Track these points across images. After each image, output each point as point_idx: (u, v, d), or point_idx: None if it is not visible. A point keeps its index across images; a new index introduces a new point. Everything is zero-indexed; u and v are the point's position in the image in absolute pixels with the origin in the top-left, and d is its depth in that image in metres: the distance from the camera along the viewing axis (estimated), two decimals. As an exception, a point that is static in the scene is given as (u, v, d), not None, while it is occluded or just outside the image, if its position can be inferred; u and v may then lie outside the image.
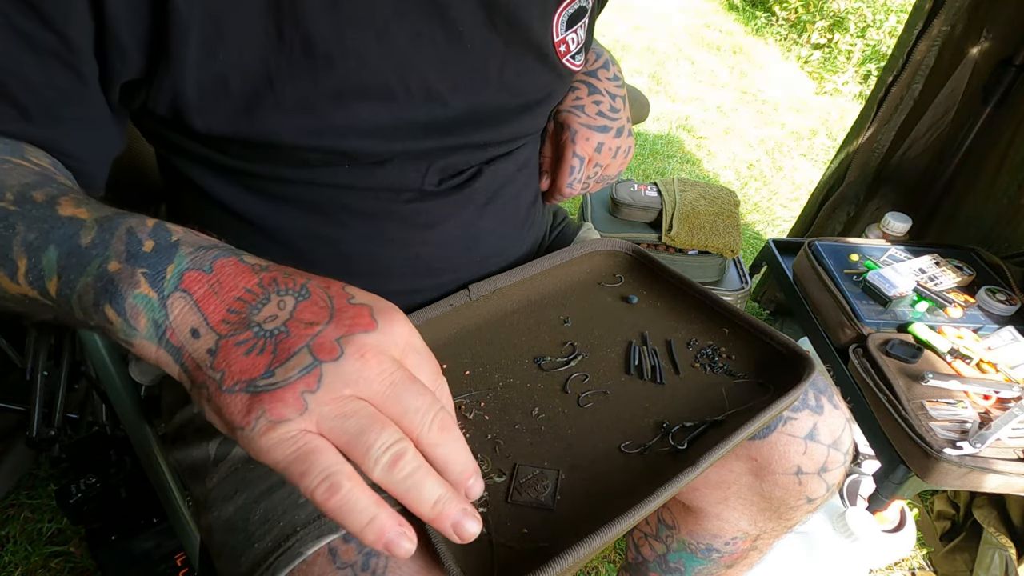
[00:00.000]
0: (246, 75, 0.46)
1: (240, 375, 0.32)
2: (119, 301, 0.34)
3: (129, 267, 0.34)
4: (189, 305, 0.34)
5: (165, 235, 0.36)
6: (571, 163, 0.71)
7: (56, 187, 0.39)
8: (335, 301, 0.35)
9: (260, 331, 0.33)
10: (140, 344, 0.35)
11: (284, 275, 0.36)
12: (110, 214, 0.37)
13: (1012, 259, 1.23)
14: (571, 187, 0.73)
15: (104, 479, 0.99)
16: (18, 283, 0.36)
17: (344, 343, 0.33)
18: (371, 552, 0.45)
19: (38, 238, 0.35)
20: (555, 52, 0.60)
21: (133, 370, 0.67)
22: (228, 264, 0.35)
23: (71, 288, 0.35)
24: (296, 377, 0.31)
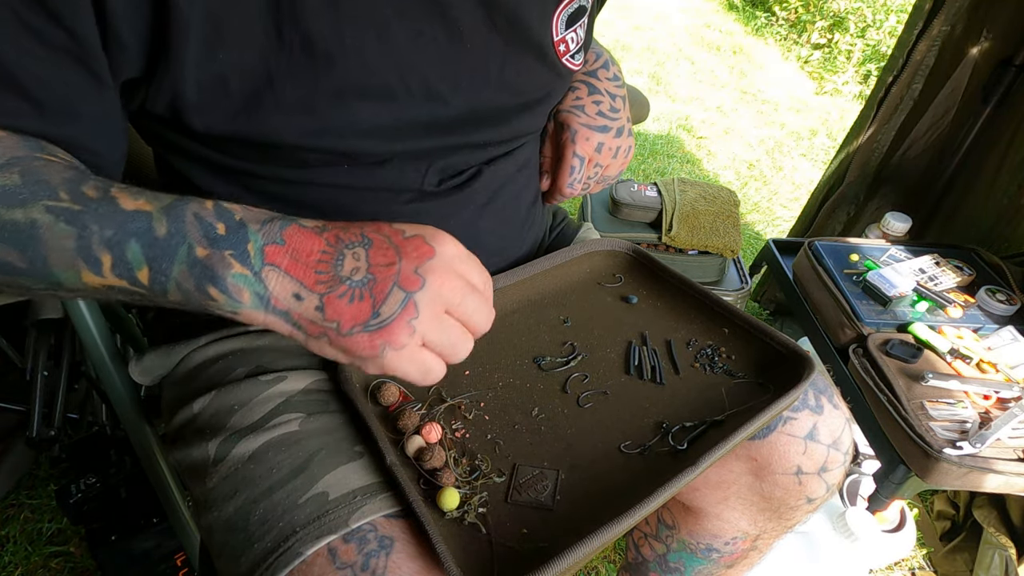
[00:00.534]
0: (246, 74, 0.46)
1: (353, 320, 0.40)
2: (220, 282, 0.40)
3: (216, 251, 0.40)
4: (280, 275, 0.40)
5: (229, 215, 0.41)
6: (571, 163, 0.71)
7: (98, 180, 0.41)
8: (394, 239, 0.43)
9: (352, 283, 0.41)
10: (247, 314, 0.41)
11: (342, 230, 0.43)
12: (169, 202, 0.41)
13: (1012, 259, 1.23)
14: (571, 187, 0.72)
15: (104, 479, 0.99)
16: (103, 276, 0.40)
17: (422, 272, 0.41)
18: (371, 552, 0.45)
19: (116, 234, 0.39)
20: (555, 51, 0.60)
21: (133, 370, 0.67)
22: (295, 233, 0.41)
23: (166, 275, 0.40)
24: (399, 311, 0.40)
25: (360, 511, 0.47)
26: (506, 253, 0.70)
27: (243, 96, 0.46)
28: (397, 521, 0.47)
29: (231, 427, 0.54)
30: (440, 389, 0.58)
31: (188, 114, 0.47)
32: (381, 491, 0.49)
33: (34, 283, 0.40)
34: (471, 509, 0.48)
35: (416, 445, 0.52)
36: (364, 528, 0.46)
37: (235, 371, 0.58)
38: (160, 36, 0.42)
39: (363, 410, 0.52)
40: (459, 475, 0.50)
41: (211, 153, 0.53)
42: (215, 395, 0.57)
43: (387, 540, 0.46)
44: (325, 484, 0.48)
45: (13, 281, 0.40)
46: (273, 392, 0.55)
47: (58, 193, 0.40)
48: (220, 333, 0.62)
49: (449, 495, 0.47)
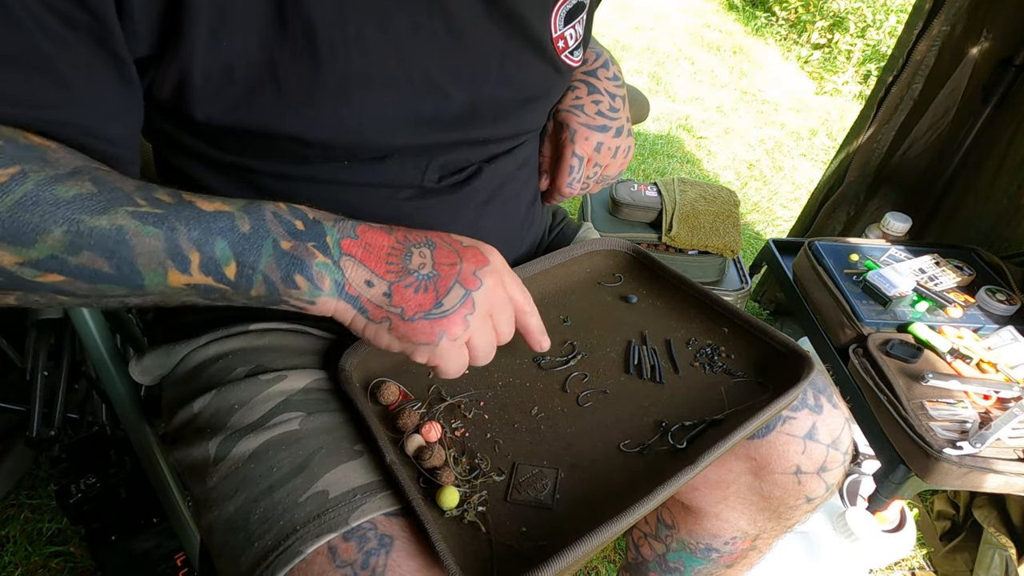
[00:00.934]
0: (250, 63, 0.46)
1: (417, 308, 0.46)
2: (307, 270, 0.44)
3: (300, 243, 0.44)
4: (355, 264, 0.45)
5: (302, 214, 0.46)
6: (570, 163, 0.71)
7: (166, 188, 0.43)
8: (454, 245, 0.49)
9: (419, 275, 0.46)
10: (322, 301, 0.45)
11: (408, 231, 0.48)
12: (244, 202, 0.45)
13: (1012, 259, 1.23)
14: (570, 187, 0.72)
15: (104, 479, 0.99)
16: (191, 275, 0.42)
17: (480, 275, 0.48)
18: (371, 550, 0.45)
19: (201, 233, 0.42)
20: (554, 48, 0.60)
21: (133, 370, 0.67)
22: (366, 230, 0.47)
23: (253, 268, 0.43)
24: (458, 305, 0.46)
25: (360, 509, 0.47)
26: (506, 252, 0.70)
27: (246, 85, 0.46)
28: (397, 519, 0.47)
29: (231, 426, 0.54)
30: (440, 388, 0.58)
31: (192, 102, 0.47)
32: (381, 490, 0.49)
33: (114, 289, 0.41)
34: (471, 508, 0.48)
35: (416, 444, 0.52)
36: (364, 526, 0.46)
37: (235, 370, 0.58)
38: (170, 20, 0.42)
39: (363, 409, 0.53)
40: (459, 474, 0.50)
41: (210, 150, 0.53)
42: (215, 394, 0.57)
43: (387, 538, 0.46)
44: (325, 483, 0.49)
45: (93, 290, 0.41)
46: (273, 391, 0.56)
47: (135, 199, 0.41)
48: (220, 333, 0.62)
49: (449, 494, 0.47)
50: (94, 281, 0.40)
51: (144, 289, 0.42)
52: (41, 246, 0.38)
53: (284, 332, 0.62)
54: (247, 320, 0.62)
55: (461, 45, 0.53)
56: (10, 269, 0.38)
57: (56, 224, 0.38)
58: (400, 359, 0.60)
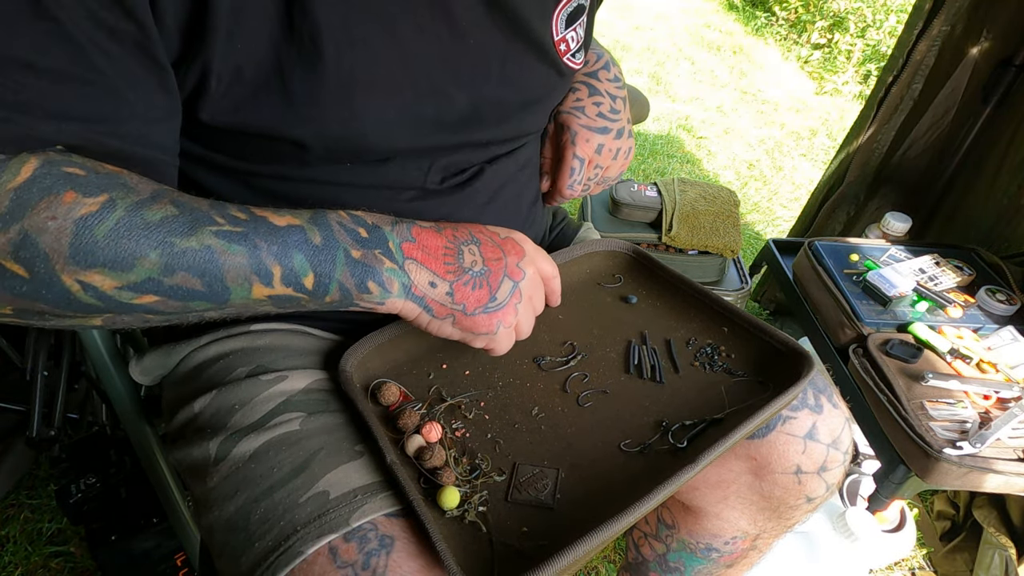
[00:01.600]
0: (258, 64, 0.46)
1: (477, 303, 0.51)
2: (377, 276, 0.48)
3: (369, 251, 0.48)
4: (418, 267, 0.50)
5: (363, 221, 0.49)
6: (571, 165, 0.71)
7: (236, 205, 0.46)
8: (495, 239, 0.54)
9: (473, 273, 0.51)
10: (391, 303, 0.50)
11: (454, 229, 0.53)
12: (310, 215, 0.48)
13: (1012, 259, 1.23)
14: (571, 189, 0.72)
15: (104, 479, 0.99)
16: (273, 287, 0.45)
17: (523, 266, 0.54)
18: (372, 551, 0.45)
19: (280, 248, 0.45)
20: (555, 50, 0.60)
21: (133, 370, 0.67)
22: (420, 232, 0.51)
23: (329, 278, 0.47)
24: (509, 296, 0.53)
25: (361, 510, 0.47)
26: None
27: (252, 86, 0.46)
28: (398, 520, 0.47)
29: (232, 426, 0.54)
30: (440, 388, 0.58)
31: (201, 104, 0.47)
32: (381, 490, 0.49)
33: (202, 305, 0.44)
34: (471, 508, 0.48)
35: (416, 444, 0.52)
36: (365, 527, 0.46)
37: (236, 370, 0.58)
38: (194, 25, 0.43)
39: (363, 409, 0.53)
40: (459, 474, 0.50)
41: (210, 153, 0.53)
42: (216, 394, 0.57)
43: (388, 539, 0.46)
44: (326, 483, 0.49)
45: (183, 307, 0.44)
46: (274, 392, 0.56)
47: (214, 219, 0.43)
48: (220, 333, 0.62)
49: (449, 494, 0.47)
50: (186, 299, 0.43)
51: (229, 303, 0.45)
52: (139, 270, 0.40)
53: (285, 332, 0.62)
54: (247, 320, 0.62)
55: (463, 48, 0.53)
56: (109, 293, 0.41)
57: (151, 248, 0.41)
58: (400, 359, 0.60)
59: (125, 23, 0.40)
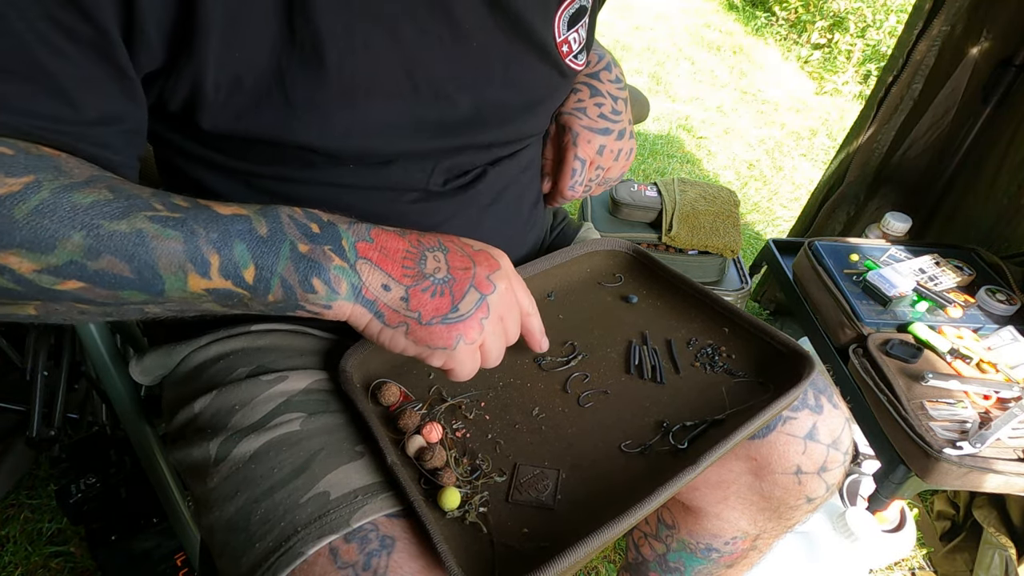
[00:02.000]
0: (258, 72, 0.46)
1: (434, 312, 0.46)
2: (324, 273, 0.43)
3: (317, 246, 0.44)
4: (372, 267, 0.45)
5: (317, 217, 0.45)
6: (572, 166, 0.71)
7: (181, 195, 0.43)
8: (465, 249, 0.49)
9: (435, 280, 0.46)
10: (338, 306, 0.45)
11: (420, 235, 0.48)
12: (259, 207, 0.44)
13: (1012, 259, 1.23)
14: (573, 190, 0.72)
15: (104, 479, 0.99)
16: (210, 278, 0.42)
17: (493, 279, 0.48)
18: (372, 551, 0.45)
19: (220, 236, 0.41)
20: (558, 52, 0.60)
21: (134, 370, 0.67)
22: (380, 233, 0.46)
23: (271, 272, 0.43)
24: (474, 309, 0.47)
25: (361, 511, 0.47)
26: (509, 253, 0.70)
27: (254, 94, 0.46)
28: (398, 520, 0.47)
29: (232, 427, 0.54)
30: (440, 389, 0.58)
31: (200, 111, 0.47)
32: (382, 491, 0.49)
33: (135, 296, 0.41)
34: (472, 509, 0.48)
35: (417, 445, 0.52)
36: (366, 528, 0.46)
37: (236, 371, 0.58)
38: (183, 33, 0.42)
39: (364, 410, 0.52)
40: (460, 475, 0.50)
41: (214, 155, 0.53)
42: (216, 395, 0.57)
43: (388, 540, 0.46)
44: (326, 484, 0.48)
45: (113, 296, 0.40)
46: (274, 392, 0.56)
47: (152, 204, 0.41)
48: (221, 333, 0.62)
49: (450, 495, 0.47)
50: (114, 287, 0.40)
51: (164, 295, 0.41)
52: (60, 252, 0.38)
53: (285, 333, 0.62)
54: (248, 321, 0.62)
55: (466, 51, 0.53)
56: (28, 277, 0.38)
57: (75, 229, 0.38)
58: (401, 360, 0.60)
59: (82, 25, 0.40)
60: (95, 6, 0.39)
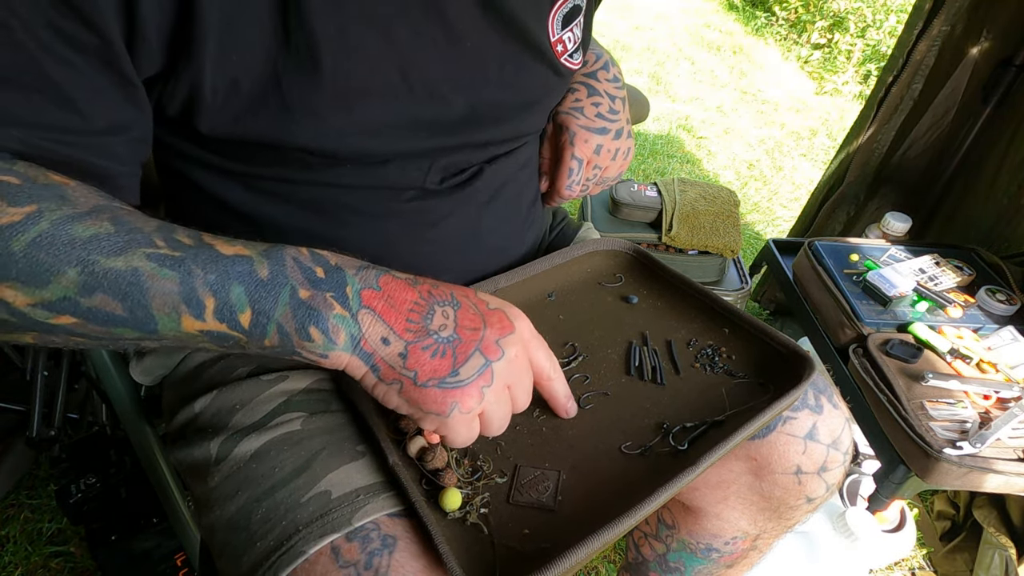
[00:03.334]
0: (255, 76, 0.46)
1: (432, 374, 0.42)
2: (323, 322, 0.41)
3: (319, 293, 0.41)
4: (374, 319, 0.42)
5: (324, 260, 0.43)
6: (569, 165, 0.71)
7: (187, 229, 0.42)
8: (480, 307, 0.46)
9: (439, 338, 0.43)
10: (335, 356, 0.42)
11: (433, 286, 0.45)
12: (266, 247, 0.42)
13: (1012, 259, 1.23)
14: (570, 189, 0.72)
15: (104, 479, 0.99)
16: (204, 320, 0.40)
17: (502, 344, 0.45)
18: (374, 551, 0.45)
19: (218, 278, 0.40)
20: (552, 51, 0.60)
21: (134, 370, 0.67)
22: (390, 281, 0.44)
23: (268, 317, 0.41)
24: (476, 376, 0.43)
25: (363, 510, 0.47)
26: (507, 252, 0.70)
27: (251, 97, 0.46)
28: (400, 520, 0.47)
29: (233, 426, 0.54)
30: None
31: (198, 115, 0.47)
32: (384, 490, 0.49)
33: (128, 333, 0.40)
34: (473, 509, 0.48)
35: (418, 445, 0.51)
36: (367, 527, 0.46)
37: (237, 370, 0.58)
38: (182, 37, 0.42)
39: (365, 410, 0.52)
40: (461, 476, 0.50)
41: (212, 157, 0.53)
42: (217, 394, 0.57)
43: (390, 539, 0.46)
44: (327, 483, 0.49)
45: (106, 332, 0.40)
46: (275, 391, 0.56)
47: (154, 240, 0.40)
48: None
49: (451, 495, 0.47)
50: (107, 324, 0.39)
51: (158, 334, 0.40)
52: (55, 287, 0.37)
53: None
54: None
55: (460, 51, 0.53)
56: (23, 310, 0.38)
57: (70, 265, 0.37)
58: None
59: (85, 34, 0.40)
60: (97, 14, 0.39)
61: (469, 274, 0.66)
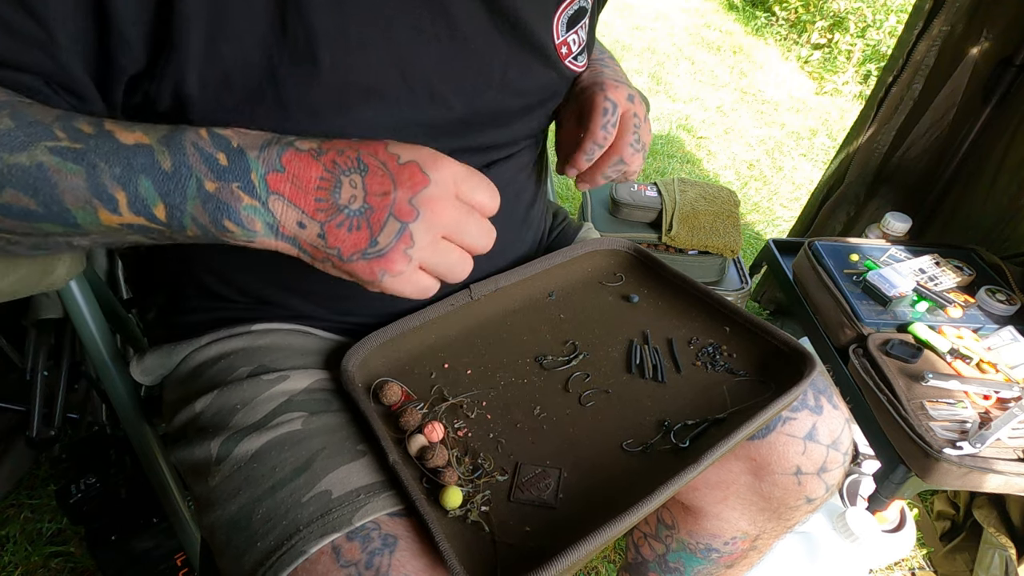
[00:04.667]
0: (249, 70, 0.45)
1: (353, 248, 0.43)
2: (234, 215, 0.41)
3: (225, 184, 0.41)
4: (285, 204, 0.42)
5: (225, 143, 0.42)
6: (604, 106, 0.62)
7: (88, 117, 0.41)
8: (389, 166, 0.43)
9: (350, 212, 0.42)
10: (261, 241, 0.43)
11: (338, 153, 0.43)
12: (165, 132, 0.41)
13: (1012, 259, 1.23)
14: (605, 130, 0.62)
15: (104, 479, 0.99)
16: (121, 214, 0.40)
17: (417, 204, 0.43)
18: (375, 550, 0.45)
19: (124, 171, 0.40)
20: (557, 53, 0.60)
21: (134, 370, 0.67)
22: (293, 158, 0.42)
23: (181, 211, 0.41)
24: (395, 241, 0.43)
25: (363, 509, 0.47)
26: (506, 252, 0.70)
27: (245, 92, 0.46)
28: (401, 519, 0.47)
29: (233, 426, 0.54)
30: (442, 388, 0.58)
31: (190, 111, 0.46)
32: (384, 490, 0.49)
33: (53, 228, 0.41)
34: (474, 508, 0.48)
35: (418, 444, 0.52)
36: (368, 526, 0.46)
37: (237, 370, 0.58)
38: (162, 30, 0.42)
39: (365, 409, 0.53)
40: (462, 474, 0.50)
41: None
42: (217, 394, 0.57)
43: (391, 538, 0.46)
44: (328, 483, 0.49)
45: (33, 228, 0.41)
46: (275, 391, 0.56)
47: (54, 132, 0.39)
48: (222, 333, 0.62)
49: (452, 494, 0.47)
50: (26, 219, 0.40)
51: (82, 228, 0.41)
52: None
53: (286, 332, 0.62)
54: (249, 320, 0.62)
55: (464, 52, 0.53)
56: None
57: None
58: (403, 359, 0.60)
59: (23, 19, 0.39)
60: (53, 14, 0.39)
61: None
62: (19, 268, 0.61)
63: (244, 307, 0.62)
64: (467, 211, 0.46)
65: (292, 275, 0.59)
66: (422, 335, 0.62)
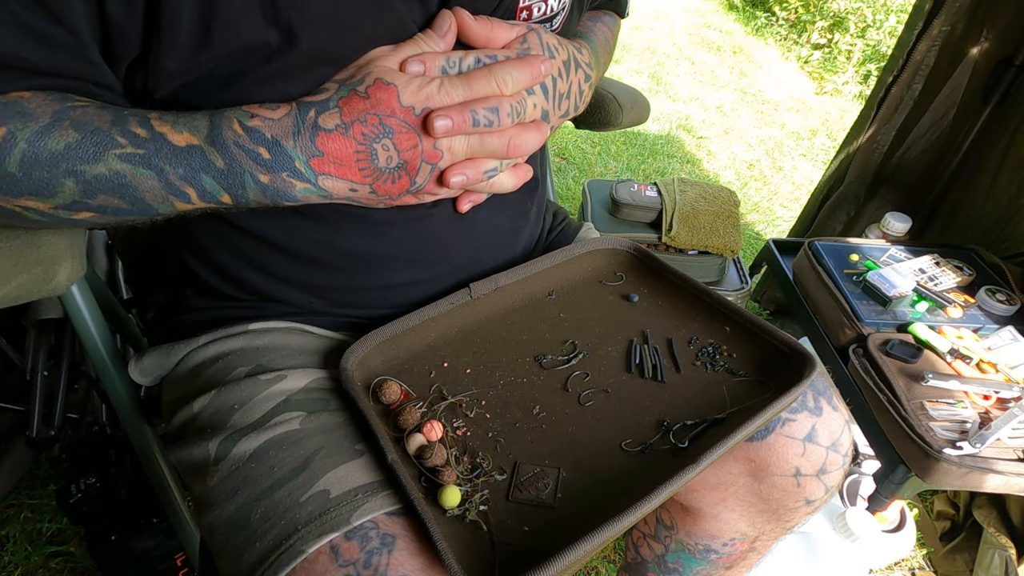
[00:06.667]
0: (244, 55, 0.44)
1: (400, 190, 0.50)
2: (291, 196, 0.48)
3: (276, 175, 0.46)
4: (334, 181, 0.48)
5: (260, 137, 0.45)
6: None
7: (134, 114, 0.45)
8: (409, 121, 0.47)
9: (390, 170, 0.48)
10: (319, 202, 0.50)
11: (361, 123, 0.46)
12: (207, 130, 0.45)
13: (1012, 259, 1.23)
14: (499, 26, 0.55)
15: (104, 479, 0.98)
16: (193, 203, 0.47)
17: (441, 147, 0.49)
18: (373, 549, 0.45)
19: (186, 171, 0.45)
20: (516, 16, 0.56)
21: (133, 370, 0.67)
22: (326, 140, 0.46)
23: (245, 199, 0.47)
24: (429, 176, 0.51)
25: (362, 509, 0.47)
26: (501, 244, 0.70)
27: (237, 75, 0.45)
28: (399, 519, 0.47)
29: (232, 426, 0.54)
30: (441, 387, 0.58)
31: (183, 94, 0.46)
32: (382, 489, 0.49)
33: (139, 218, 0.47)
34: (472, 507, 0.48)
35: (417, 443, 0.52)
36: (366, 526, 0.46)
37: (235, 370, 0.58)
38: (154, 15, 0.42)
39: (364, 408, 0.52)
40: (460, 473, 0.50)
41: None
42: (215, 394, 0.57)
43: (389, 538, 0.46)
44: (326, 482, 0.48)
45: (121, 220, 0.47)
46: (273, 391, 0.55)
47: (116, 139, 0.43)
48: (219, 333, 0.62)
49: (450, 493, 0.47)
50: (119, 215, 0.46)
51: (164, 214, 0.47)
52: (62, 195, 0.43)
53: (284, 332, 0.62)
54: (247, 320, 0.62)
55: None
56: (50, 212, 0.45)
57: (64, 177, 0.43)
58: (402, 358, 0.60)
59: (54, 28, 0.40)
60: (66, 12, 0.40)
61: (465, 271, 0.66)
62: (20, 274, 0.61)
63: (243, 305, 0.62)
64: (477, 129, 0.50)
65: (293, 268, 0.59)
66: (421, 334, 0.62)
